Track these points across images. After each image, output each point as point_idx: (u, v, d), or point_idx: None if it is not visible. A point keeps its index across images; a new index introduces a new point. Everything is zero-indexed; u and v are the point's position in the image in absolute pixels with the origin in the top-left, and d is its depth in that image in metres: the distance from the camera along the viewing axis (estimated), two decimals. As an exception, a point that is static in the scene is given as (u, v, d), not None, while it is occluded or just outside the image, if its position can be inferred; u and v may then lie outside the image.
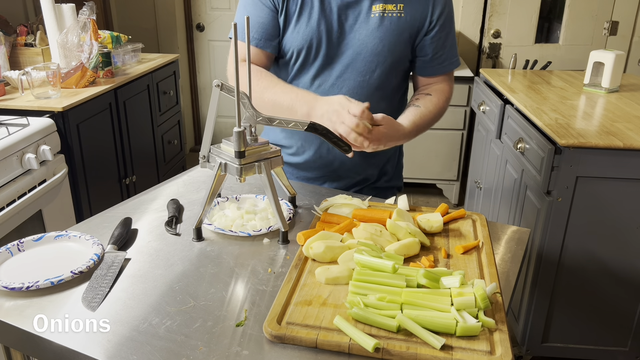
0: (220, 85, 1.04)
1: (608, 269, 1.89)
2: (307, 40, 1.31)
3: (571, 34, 3.52)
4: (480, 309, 0.83)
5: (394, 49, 1.32)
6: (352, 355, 0.78)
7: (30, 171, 1.92)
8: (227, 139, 1.06)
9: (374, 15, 1.29)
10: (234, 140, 1.02)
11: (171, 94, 3.16)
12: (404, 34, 1.31)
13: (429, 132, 1.49)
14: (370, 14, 1.30)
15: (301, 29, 1.31)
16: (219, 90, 1.05)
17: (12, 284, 0.90)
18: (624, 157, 1.73)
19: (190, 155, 4.15)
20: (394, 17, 1.30)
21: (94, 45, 2.42)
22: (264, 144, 1.07)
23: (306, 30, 1.31)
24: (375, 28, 1.30)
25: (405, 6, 1.30)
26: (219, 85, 1.04)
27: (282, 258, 1.04)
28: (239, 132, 1.01)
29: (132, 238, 1.10)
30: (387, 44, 1.31)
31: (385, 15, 1.29)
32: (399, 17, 1.30)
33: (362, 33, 1.30)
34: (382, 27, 1.30)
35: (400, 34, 1.31)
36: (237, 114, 1.01)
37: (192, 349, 0.79)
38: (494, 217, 2.45)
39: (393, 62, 1.34)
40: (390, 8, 1.29)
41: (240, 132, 1.01)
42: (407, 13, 1.30)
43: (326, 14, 1.30)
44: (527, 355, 2.08)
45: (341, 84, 1.34)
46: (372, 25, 1.30)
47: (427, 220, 1.12)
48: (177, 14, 3.92)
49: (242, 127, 1.02)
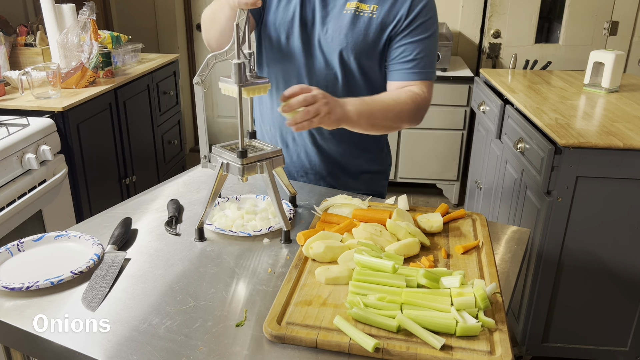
0: (200, 82, 1.04)
1: (608, 269, 1.89)
2: (282, 26, 1.30)
3: (571, 34, 3.52)
4: (480, 309, 0.83)
5: (358, 49, 1.29)
6: (352, 355, 0.78)
7: (30, 171, 1.92)
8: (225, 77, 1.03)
9: (347, 12, 1.28)
10: (233, 73, 0.99)
11: (171, 94, 3.16)
12: (373, 35, 1.28)
13: (429, 132, 1.48)
14: (343, 9, 1.28)
15: (279, 14, 1.31)
16: (200, 87, 1.04)
17: (12, 284, 0.90)
18: (624, 157, 1.73)
19: (190, 155, 4.15)
20: (366, 17, 1.28)
21: (94, 45, 2.42)
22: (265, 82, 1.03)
23: (283, 16, 1.30)
24: (345, 25, 1.28)
25: (379, 7, 1.28)
26: (199, 82, 1.04)
27: (282, 258, 1.04)
28: (238, 64, 0.98)
29: (132, 238, 1.10)
30: (352, 43, 1.28)
31: (358, 14, 1.28)
32: (370, 18, 1.28)
33: (331, 28, 1.29)
34: (351, 25, 1.28)
35: (368, 34, 1.28)
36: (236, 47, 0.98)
37: (192, 349, 0.79)
38: (494, 217, 2.45)
39: (358, 62, 1.31)
40: (363, 7, 1.28)
41: (239, 64, 0.98)
42: (379, 14, 1.28)
43: (304, 3, 1.29)
44: (527, 355, 2.08)
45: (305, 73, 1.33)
46: (343, 22, 1.28)
47: (427, 220, 1.12)
48: (177, 14, 3.92)
49: (242, 60, 0.99)
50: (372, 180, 1.51)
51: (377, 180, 1.52)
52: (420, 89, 1.31)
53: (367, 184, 1.49)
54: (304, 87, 1.09)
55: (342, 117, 1.14)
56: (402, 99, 1.27)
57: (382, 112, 1.23)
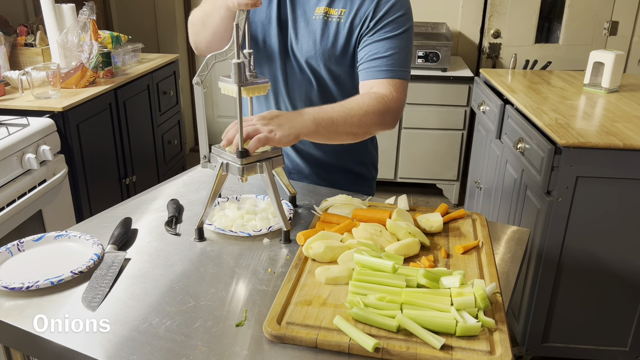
0: (199, 82, 1.04)
1: (608, 269, 1.89)
2: (260, 27, 1.28)
3: (571, 34, 3.52)
4: (480, 308, 0.83)
5: (327, 56, 1.26)
6: (352, 355, 0.78)
7: (30, 171, 1.92)
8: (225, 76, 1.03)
9: (316, 17, 1.25)
10: (233, 72, 0.98)
11: (171, 94, 3.16)
12: (342, 40, 1.25)
13: (429, 132, 1.46)
14: (312, 15, 1.25)
15: (257, 15, 1.28)
16: (199, 87, 1.04)
17: (12, 284, 0.90)
18: (624, 157, 1.73)
19: (190, 155, 4.15)
20: (334, 22, 1.24)
21: (94, 45, 2.42)
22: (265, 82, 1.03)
23: (261, 17, 1.28)
24: (314, 32, 1.25)
25: (346, 11, 1.24)
26: (198, 82, 1.04)
27: (282, 258, 1.04)
28: (238, 64, 0.97)
29: (132, 238, 1.10)
30: (321, 51, 1.25)
31: (327, 19, 1.25)
32: (338, 23, 1.24)
33: (301, 33, 1.26)
34: (320, 33, 1.25)
35: (337, 41, 1.25)
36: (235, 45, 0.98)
37: (192, 349, 0.79)
38: (494, 217, 2.45)
39: (328, 69, 1.28)
40: (332, 12, 1.24)
41: (239, 64, 0.97)
42: (346, 18, 1.24)
43: (281, 5, 1.27)
44: (527, 355, 2.08)
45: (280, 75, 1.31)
46: (312, 28, 1.25)
47: (427, 220, 1.12)
48: (177, 14, 3.92)
49: (241, 59, 0.98)
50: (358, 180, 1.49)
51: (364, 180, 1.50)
52: (387, 90, 1.21)
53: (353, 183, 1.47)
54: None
55: (296, 131, 1.06)
56: (366, 102, 1.17)
57: (343, 118, 1.13)
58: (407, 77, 1.26)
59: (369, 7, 1.23)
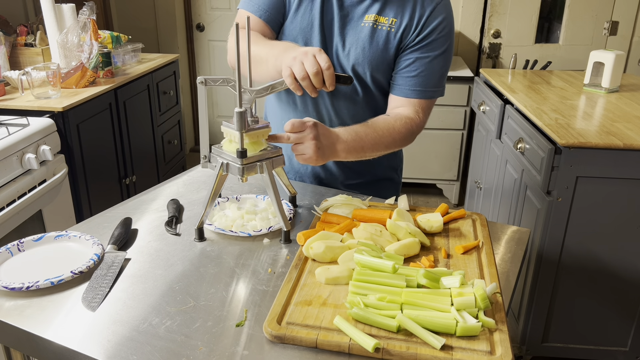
0: (203, 81, 1.04)
1: (608, 269, 1.89)
2: (301, 34, 1.27)
3: (571, 34, 3.52)
4: (480, 309, 0.83)
5: (375, 65, 1.26)
6: (352, 355, 0.78)
7: (30, 171, 1.92)
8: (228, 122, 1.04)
9: (365, 24, 1.25)
10: (235, 120, 1.00)
11: (171, 94, 3.16)
12: (392, 50, 1.25)
13: (429, 132, 1.46)
14: (361, 21, 1.25)
15: (297, 20, 1.27)
16: (203, 86, 1.04)
17: (12, 284, 0.90)
18: (624, 157, 1.73)
19: (190, 155, 4.15)
20: (384, 30, 1.25)
21: (94, 45, 2.42)
22: (265, 127, 1.05)
23: (302, 23, 1.27)
24: (363, 39, 1.25)
25: (397, 21, 1.24)
26: (203, 81, 1.04)
27: (282, 258, 1.04)
28: (240, 113, 0.99)
29: (132, 238, 1.10)
30: (369, 58, 1.25)
31: (377, 27, 1.24)
32: (389, 32, 1.24)
33: (349, 40, 1.26)
34: (369, 40, 1.25)
35: (387, 49, 1.25)
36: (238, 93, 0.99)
37: (192, 349, 0.79)
38: (494, 217, 2.45)
39: (373, 77, 1.28)
40: (382, 20, 1.24)
41: (242, 113, 0.99)
42: (397, 28, 1.24)
43: (325, 10, 1.26)
44: (527, 355, 2.08)
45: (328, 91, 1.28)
46: (360, 35, 1.25)
47: (427, 220, 1.12)
48: (177, 14, 3.92)
49: (244, 108, 1.01)
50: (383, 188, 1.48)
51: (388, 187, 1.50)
52: (414, 112, 1.27)
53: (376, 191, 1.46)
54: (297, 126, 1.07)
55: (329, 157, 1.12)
56: (397, 129, 1.23)
57: (373, 146, 1.19)
58: (438, 95, 1.32)
59: (419, 21, 1.24)
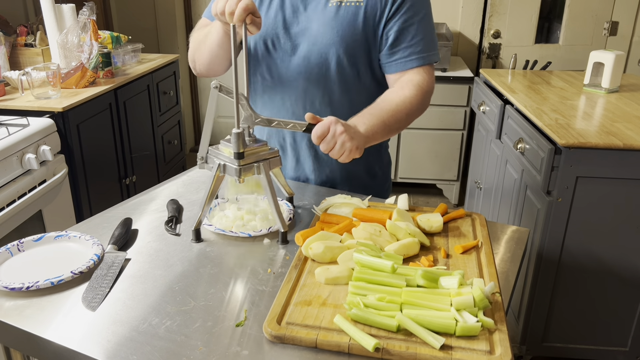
0: (218, 86, 1.04)
1: (608, 269, 1.89)
2: (264, 32, 1.27)
3: (571, 34, 3.52)
4: (480, 308, 0.83)
5: (349, 40, 1.24)
6: (352, 355, 0.78)
7: (30, 171, 1.92)
8: (225, 140, 1.06)
9: (332, 5, 1.25)
10: (233, 141, 1.02)
11: (171, 94, 3.16)
12: (362, 24, 1.24)
13: (429, 132, 1.46)
14: (328, 4, 1.25)
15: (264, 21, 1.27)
16: (217, 91, 1.05)
17: (12, 284, 0.90)
18: (624, 157, 1.73)
19: (190, 155, 4.15)
20: (352, 6, 1.24)
21: (94, 46, 2.42)
22: (263, 145, 1.07)
23: (267, 20, 1.27)
24: (331, 18, 1.24)
25: None
26: (217, 86, 1.04)
27: (281, 258, 1.04)
28: (237, 134, 1.01)
29: (132, 238, 1.10)
30: (342, 34, 1.24)
31: (343, 4, 1.24)
32: (357, 6, 1.23)
33: (318, 23, 1.25)
34: (337, 17, 1.24)
35: (357, 24, 1.24)
36: (236, 115, 1.01)
37: (192, 349, 0.79)
38: (494, 217, 2.45)
39: (350, 54, 1.26)
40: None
41: (239, 134, 1.01)
42: (366, 3, 1.23)
43: (285, 4, 1.27)
44: (527, 355, 2.08)
45: (298, 77, 1.29)
46: (328, 16, 1.25)
47: (427, 220, 1.12)
48: (177, 14, 3.92)
49: (241, 129, 1.02)
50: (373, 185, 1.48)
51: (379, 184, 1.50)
52: (421, 76, 1.26)
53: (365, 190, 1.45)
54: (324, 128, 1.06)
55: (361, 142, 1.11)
56: (408, 95, 1.23)
57: (393, 118, 1.20)
58: (435, 58, 1.30)
59: None
